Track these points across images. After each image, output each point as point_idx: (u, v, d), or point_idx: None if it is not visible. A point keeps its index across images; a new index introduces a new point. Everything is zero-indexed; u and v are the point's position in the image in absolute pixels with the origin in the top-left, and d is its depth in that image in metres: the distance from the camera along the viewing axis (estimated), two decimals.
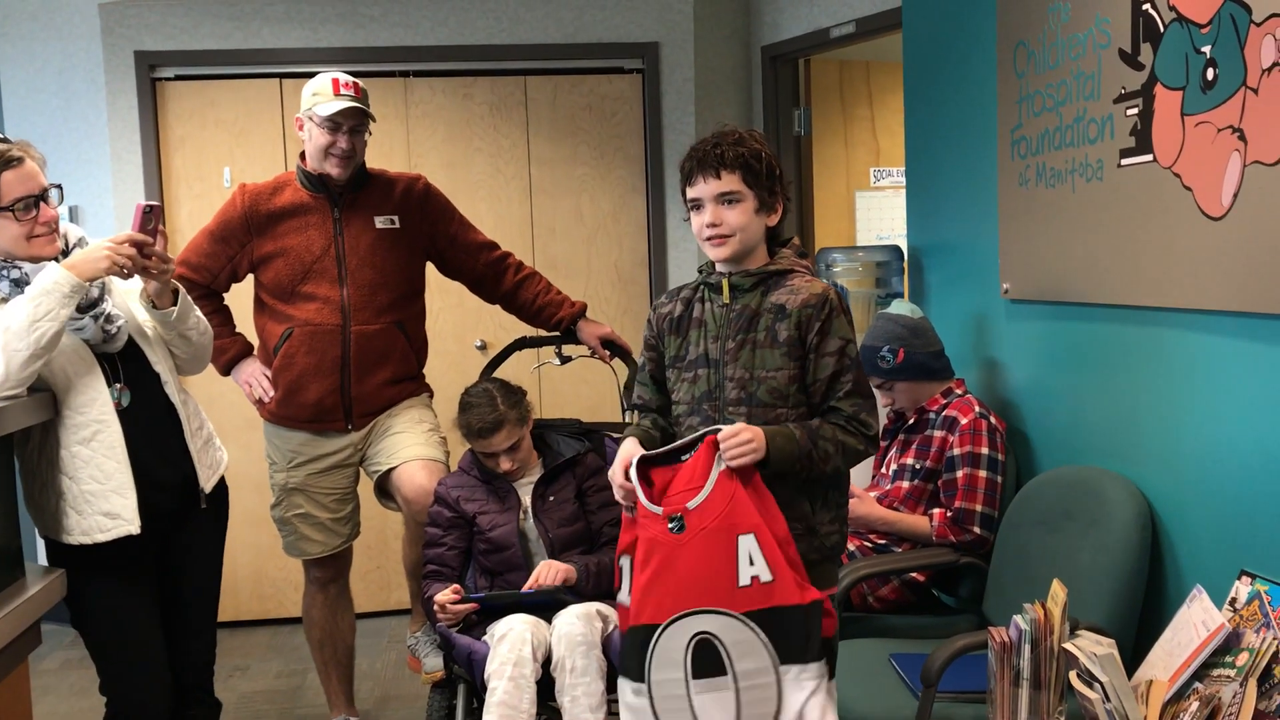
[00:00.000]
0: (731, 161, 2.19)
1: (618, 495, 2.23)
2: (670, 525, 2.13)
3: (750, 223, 2.22)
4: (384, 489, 3.26)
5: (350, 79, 3.11)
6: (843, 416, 2.19)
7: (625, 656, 2.20)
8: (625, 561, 2.23)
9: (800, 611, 2.11)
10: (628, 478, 2.19)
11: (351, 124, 3.08)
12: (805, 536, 2.18)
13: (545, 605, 2.74)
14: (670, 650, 2.12)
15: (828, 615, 2.16)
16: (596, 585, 2.78)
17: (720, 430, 2.13)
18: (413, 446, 3.18)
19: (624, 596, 2.23)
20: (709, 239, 2.23)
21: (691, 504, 2.12)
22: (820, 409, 2.21)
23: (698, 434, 2.17)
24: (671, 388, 2.33)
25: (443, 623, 2.78)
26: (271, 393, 3.19)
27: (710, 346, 2.25)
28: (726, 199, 2.20)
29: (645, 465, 2.21)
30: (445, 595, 2.77)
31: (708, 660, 2.10)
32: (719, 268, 2.29)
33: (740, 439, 2.10)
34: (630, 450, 2.23)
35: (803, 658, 2.12)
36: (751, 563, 2.10)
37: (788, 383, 2.19)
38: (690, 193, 2.25)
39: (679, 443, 2.21)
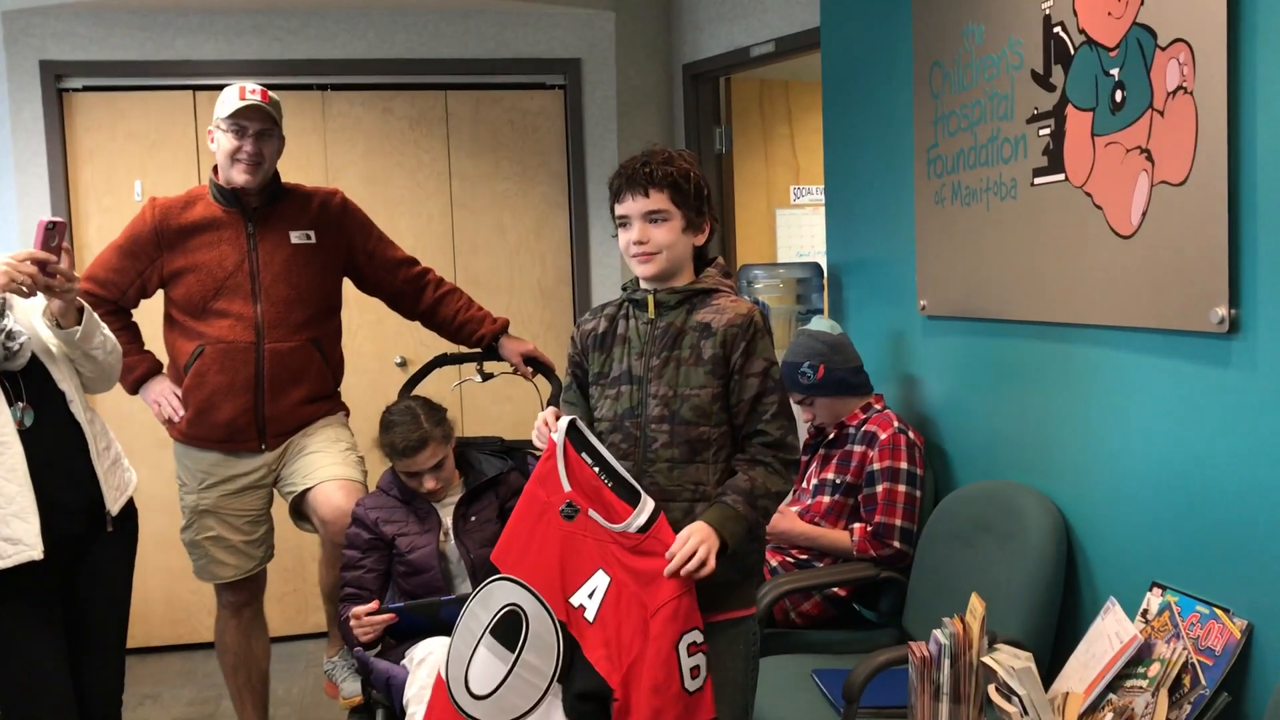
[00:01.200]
0: (660, 180, 2.19)
1: (536, 436, 2.25)
2: (564, 508, 2.17)
3: (677, 241, 2.22)
4: (299, 510, 3.20)
5: (258, 86, 3.07)
6: (768, 440, 2.18)
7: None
8: None
9: (598, 681, 2.13)
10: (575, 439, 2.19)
11: (257, 127, 3.02)
12: (722, 557, 2.17)
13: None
14: (491, 598, 2.23)
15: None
16: None
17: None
18: (329, 466, 3.12)
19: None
20: (635, 256, 2.23)
21: (594, 514, 2.14)
22: (744, 431, 2.21)
23: (650, 506, 2.12)
24: (594, 404, 2.31)
25: (360, 635, 2.72)
26: (181, 412, 3.11)
27: (634, 363, 2.25)
28: (654, 217, 2.20)
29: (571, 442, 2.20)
30: (362, 607, 2.72)
31: (508, 629, 2.20)
32: (644, 285, 2.28)
33: (689, 554, 2.06)
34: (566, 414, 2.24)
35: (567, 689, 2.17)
36: (590, 596, 2.16)
37: (711, 400, 2.19)
38: (618, 210, 2.24)
39: (619, 470, 2.16)
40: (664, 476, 2.18)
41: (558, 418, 2.22)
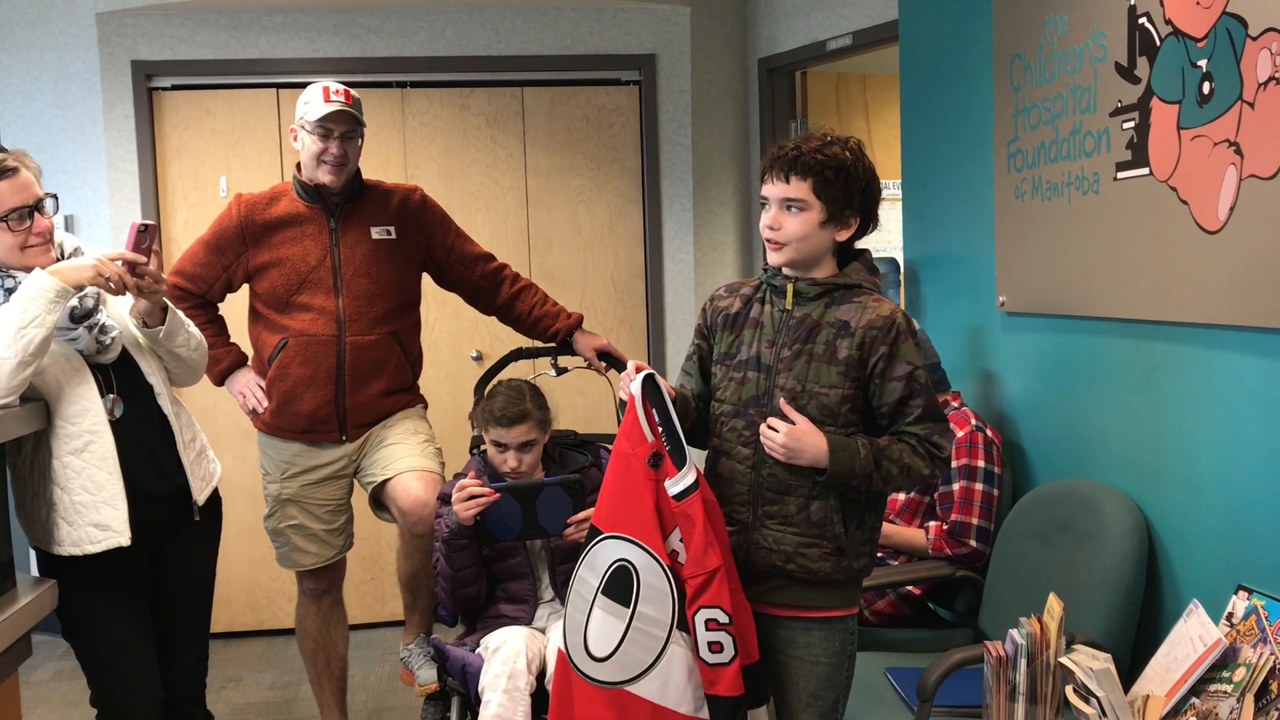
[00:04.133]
0: (804, 168, 2.11)
1: (620, 388, 2.24)
2: (649, 457, 2.16)
3: (811, 234, 2.14)
4: (379, 500, 3.25)
5: (341, 86, 3.12)
6: (914, 439, 2.12)
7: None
8: None
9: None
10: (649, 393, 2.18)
11: (342, 129, 3.07)
12: (833, 556, 2.15)
13: (567, 493, 2.71)
14: (598, 559, 2.21)
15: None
16: None
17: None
18: (408, 458, 3.17)
19: None
20: (766, 241, 2.19)
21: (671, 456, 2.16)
22: (890, 433, 2.15)
23: (689, 479, 2.14)
24: (716, 385, 2.27)
25: (461, 511, 2.67)
26: (265, 403, 3.18)
27: (764, 350, 2.19)
28: (790, 205, 2.13)
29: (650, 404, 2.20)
30: (469, 480, 2.72)
31: (620, 586, 2.18)
32: (785, 271, 2.22)
33: (773, 438, 2.09)
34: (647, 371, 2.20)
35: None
36: (680, 540, 2.16)
37: (840, 401, 2.12)
38: (762, 190, 2.19)
39: (678, 433, 2.16)
40: (784, 469, 2.14)
41: (639, 370, 2.19)
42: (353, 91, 3.14)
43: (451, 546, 2.75)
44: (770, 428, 2.11)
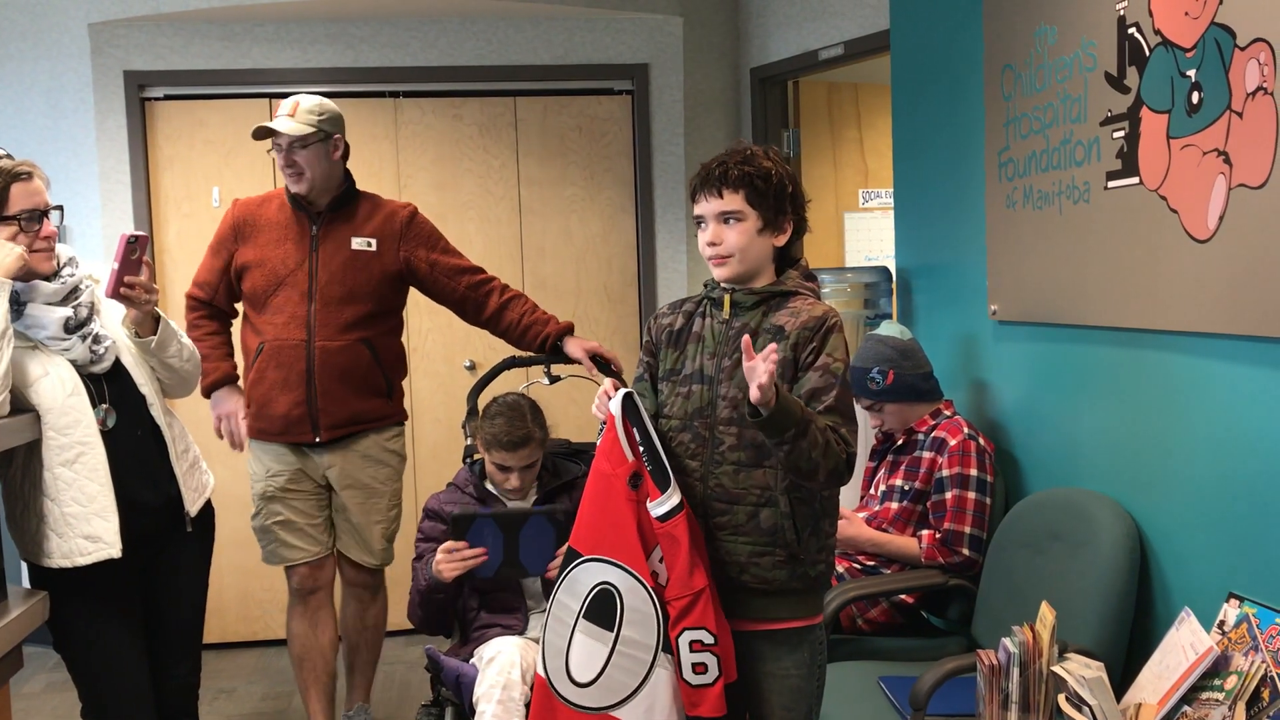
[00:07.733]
0: (735, 180, 2.15)
1: (595, 407, 2.23)
2: (630, 477, 2.16)
3: (752, 243, 2.17)
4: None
5: (294, 100, 3.22)
6: (826, 428, 2.08)
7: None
8: None
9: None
10: (625, 414, 2.17)
11: (288, 141, 3.18)
12: (786, 564, 2.14)
13: (552, 524, 2.72)
14: (577, 583, 2.19)
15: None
16: None
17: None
18: (355, 550, 3.39)
19: None
20: (710, 258, 2.20)
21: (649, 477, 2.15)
22: None
23: (673, 501, 2.12)
24: (663, 401, 2.28)
25: (447, 571, 2.68)
26: (243, 442, 3.32)
27: (706, 363, 2.21)
28: (727, 218, 2.17)
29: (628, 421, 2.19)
30: (457, 544, 2.68)
31: (603, 610, 2.17)
32: (723, 284, 2.25)
33: (767, 360, 1.93)
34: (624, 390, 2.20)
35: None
36: (660, 561, 2.15)
37: None
38: (695, 210, 2.22)
39: (659, 453, 2.15)
40: (730, 479, 2.15)
41: (617, 389, 2.20)
42: (314, 100, 3.23)
43: (426, 598, 2.77)
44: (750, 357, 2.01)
